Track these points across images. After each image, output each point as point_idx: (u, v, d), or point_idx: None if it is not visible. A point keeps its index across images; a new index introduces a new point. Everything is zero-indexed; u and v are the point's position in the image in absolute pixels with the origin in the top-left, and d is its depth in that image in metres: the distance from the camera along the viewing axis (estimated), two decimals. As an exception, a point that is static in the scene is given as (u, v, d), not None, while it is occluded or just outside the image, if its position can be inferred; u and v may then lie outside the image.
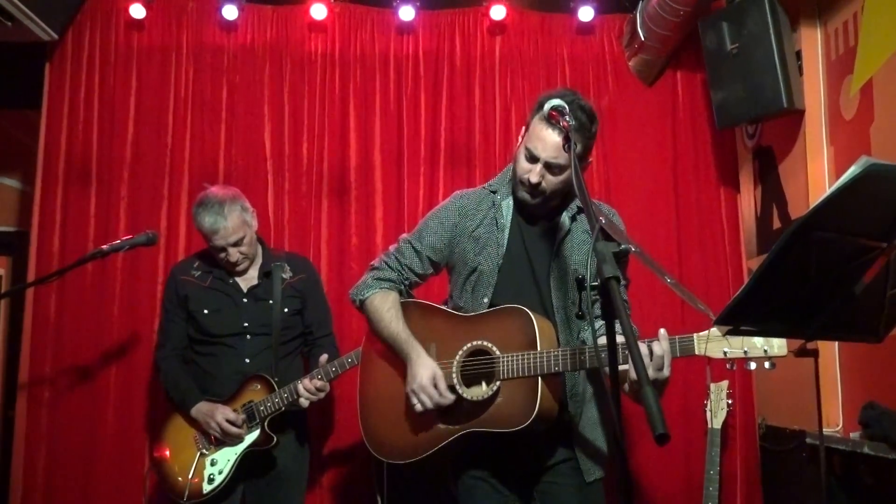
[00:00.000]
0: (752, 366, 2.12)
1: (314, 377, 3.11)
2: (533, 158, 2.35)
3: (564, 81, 4.17)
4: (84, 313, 3.90)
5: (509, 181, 2.52)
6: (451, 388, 2.38)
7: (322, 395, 3.13)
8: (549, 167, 2.34)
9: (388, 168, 4.12)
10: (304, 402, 3.12)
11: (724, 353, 2.12)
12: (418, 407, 2.38)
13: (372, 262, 2.68)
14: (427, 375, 2.37)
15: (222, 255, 3.23)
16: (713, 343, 2.13)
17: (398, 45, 4.20)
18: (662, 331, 2.14)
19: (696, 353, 2.15)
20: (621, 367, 1.89)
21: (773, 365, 2.09)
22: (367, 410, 2.61)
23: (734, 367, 2.16)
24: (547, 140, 2.31)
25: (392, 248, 2.65)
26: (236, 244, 3.21)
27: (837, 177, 1.46)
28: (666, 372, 2.11)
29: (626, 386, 2.19)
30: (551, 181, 2.37)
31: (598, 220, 1.83)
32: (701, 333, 2.15)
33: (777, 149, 3.82)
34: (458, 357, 2.41)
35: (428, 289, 3.34)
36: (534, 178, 2.35)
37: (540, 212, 2.48)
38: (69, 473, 3.78)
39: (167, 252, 3.94)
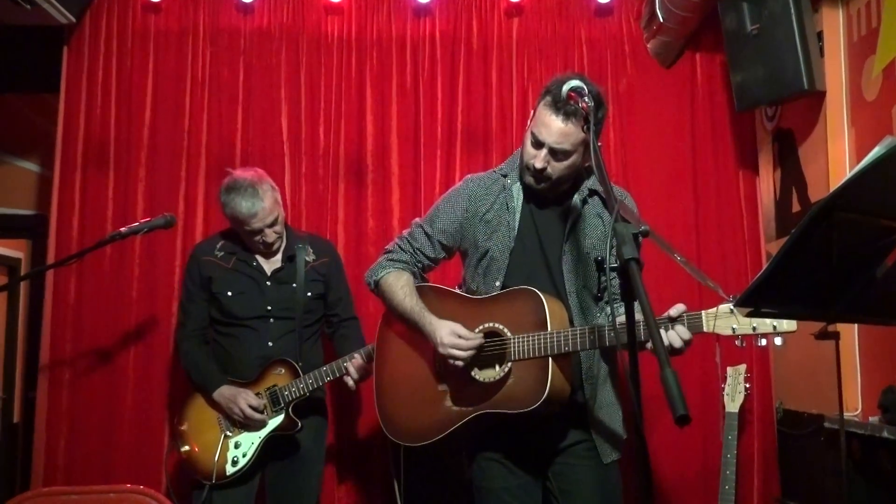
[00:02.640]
0: (763, 342, 2.12)
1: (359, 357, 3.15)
2: (538, 144, 2.35)
3: (582, 63, 4.14)
4: (103, 295, 3.93)
5: (518, 165, 2.51)
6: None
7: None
8: (553, 153, 2.34)
9: (404, 151, 4.11)
10: (350, 382, 3.16)
11: (733, 329, 2.12)
12: (458, 363, 2.37)
13: (386, 247, 2.70)
14: (446, 332, 2.37)
15: (258, 237, 3.20)
16: (721, 320, 2.13)
17: (415, 28, 4.17)
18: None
19: (705, 329, 2.15)
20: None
21: (783, 341, 2.09)
22: (382, 393, 2.62)
23: (743, 344, 2.16)
24: (551, 126, 2.30)
25: (405, 232, 2.67)
26: (272, 224, 3.19)
27: (858, 159, 1.44)
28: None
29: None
30: (556, 167, 2.36)
31: (615, 201, 1.82)
32: (709, 310, 2.14)
33: (797, 131, 3.77)
34: None
35: (444, 276, 3.35)
36: (538, 164, 2.35)
37: (550, 195, 2.47)
38: (89, 453, 3.83)
39: (185, 235, 3.96)
